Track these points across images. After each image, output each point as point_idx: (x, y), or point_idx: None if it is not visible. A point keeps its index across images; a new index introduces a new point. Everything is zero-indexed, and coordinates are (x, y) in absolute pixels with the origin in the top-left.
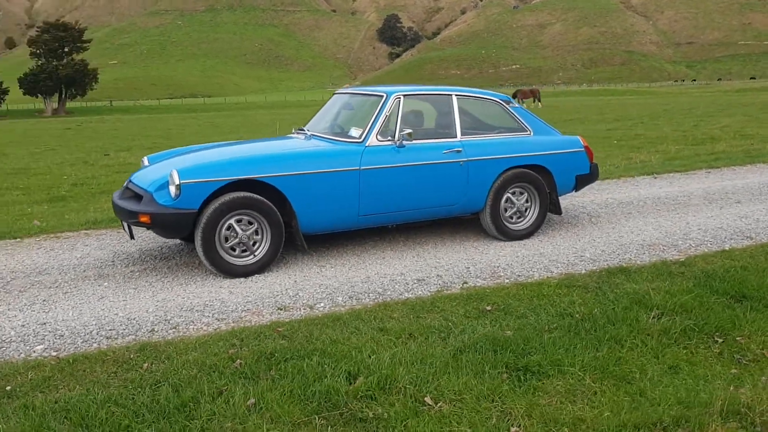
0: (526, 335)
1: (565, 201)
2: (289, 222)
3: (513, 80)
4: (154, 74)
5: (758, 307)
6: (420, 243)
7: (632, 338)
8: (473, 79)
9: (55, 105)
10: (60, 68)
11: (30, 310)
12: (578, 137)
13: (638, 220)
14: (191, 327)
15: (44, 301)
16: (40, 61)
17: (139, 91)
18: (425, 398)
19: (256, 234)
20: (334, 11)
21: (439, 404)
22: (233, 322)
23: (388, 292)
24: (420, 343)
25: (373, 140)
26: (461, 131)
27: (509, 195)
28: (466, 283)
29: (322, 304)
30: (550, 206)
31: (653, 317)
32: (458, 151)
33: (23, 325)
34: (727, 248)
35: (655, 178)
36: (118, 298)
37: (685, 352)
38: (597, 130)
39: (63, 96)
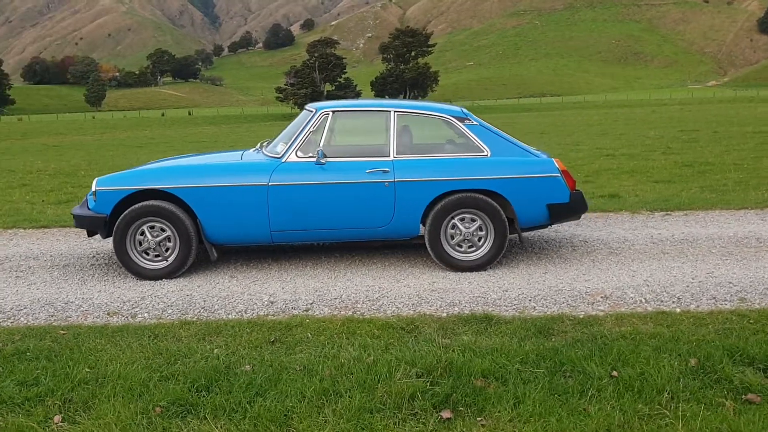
0: (258, 372)
1: (620, 233)
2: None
3: None
4: (506, 74)
5: (566, 387)
6: (360, 264)
7: (347, 395)
8: None
9: None
10: (405, 71)
11: None
12: (552, 160)
13: (639, 264)
14: (22, 319)
15: None
16: (389, 65)
17: (490, 91)
18: (56, 417)
19: (169, 241)
20: (706, 1)
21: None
22: (57, 320)
23: (219, 311)
24: (144, 365)
25: (291, 156)
26: (397, 150)
27: (456, 221)
28: (307, 310)
29: (146, 314)
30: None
31: (402, 377)
32: (385, 171)
33: None
34: (668, 309)
35: None
36: (24, 286)
37: (388, 422)
38: None
39: (406, 97)
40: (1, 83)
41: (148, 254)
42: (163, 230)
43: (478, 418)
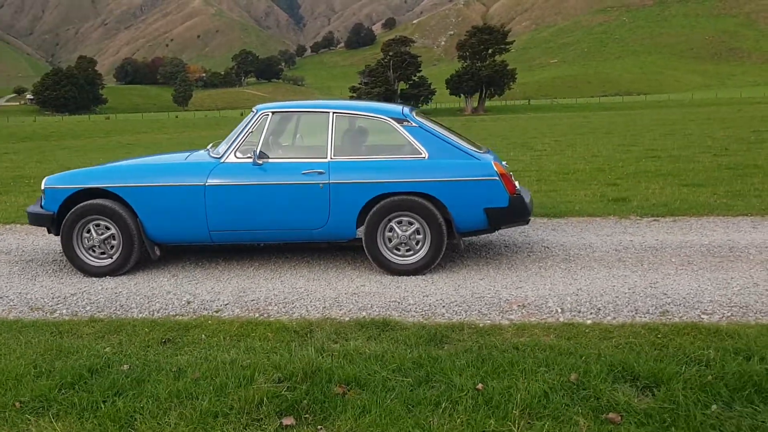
0: (131, 372)
1: (589, 239)
2: None
3: None
4: (591, 72)
5: (424, 398)
6: (306, 265)
7: (200, 399)
8: None
9: (475, 104)
10: (482, 69)
11: None
12: (490, 162)
13: (585, 272)
14: None
15: None
16: (465, 63)
17: (574, 89)
18: None
19: (113, 239)
20: None
21: None
22: None
23: (134, 310)
24: (30, 360)
25: (230, 157)
26: (334, 151)
27: (393, 224)
28: (218, 311)
29: (64, 310)
30: (455, 242)
31: (264, 381)
32: (320, 173)
33: None
34: (580, 321)
35: None
36: None
37: (229, 427)
38: None
39: (482, 95)
40: (95, 83)
41: (94, 251)
42: (107, 228)
43: (318, 427)
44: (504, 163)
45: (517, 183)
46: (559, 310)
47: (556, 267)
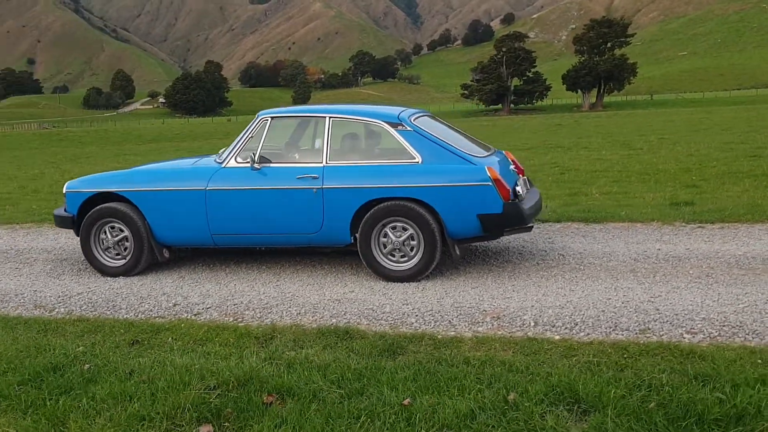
0: (88, 372)
1: (615, 247)
2: None
3: None
4: (724, 64)
5: (346, 411)
6: (310, 270)
7: (134, 401)
8: None
9: (593, 100)
10: (599, 64)
11: None
12: (484, 167)
13: (588, 283)
14: None
15: None
16: (582, 58)
17: (705, 82)
18: None
19: (127, 240)
20: None
21: None
22: None
23: (122, 310)
24: (7, 356)
25: (231, 162)
26: (330, 156)
27: (388, 230)
28: (197, 314)
29: (62, 309)
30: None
31: (200, 387)
32: (314, 178)
33: None
34: (547, 336)
35: None
36: (10, 277)
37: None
38: None
39: (601, 91)
40: (221, 87)
41: (110, 252)
42: (121, 230)
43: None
44: (511, 167)
45: (519, 188)
46: (533, 324)
47: (559, 276)
